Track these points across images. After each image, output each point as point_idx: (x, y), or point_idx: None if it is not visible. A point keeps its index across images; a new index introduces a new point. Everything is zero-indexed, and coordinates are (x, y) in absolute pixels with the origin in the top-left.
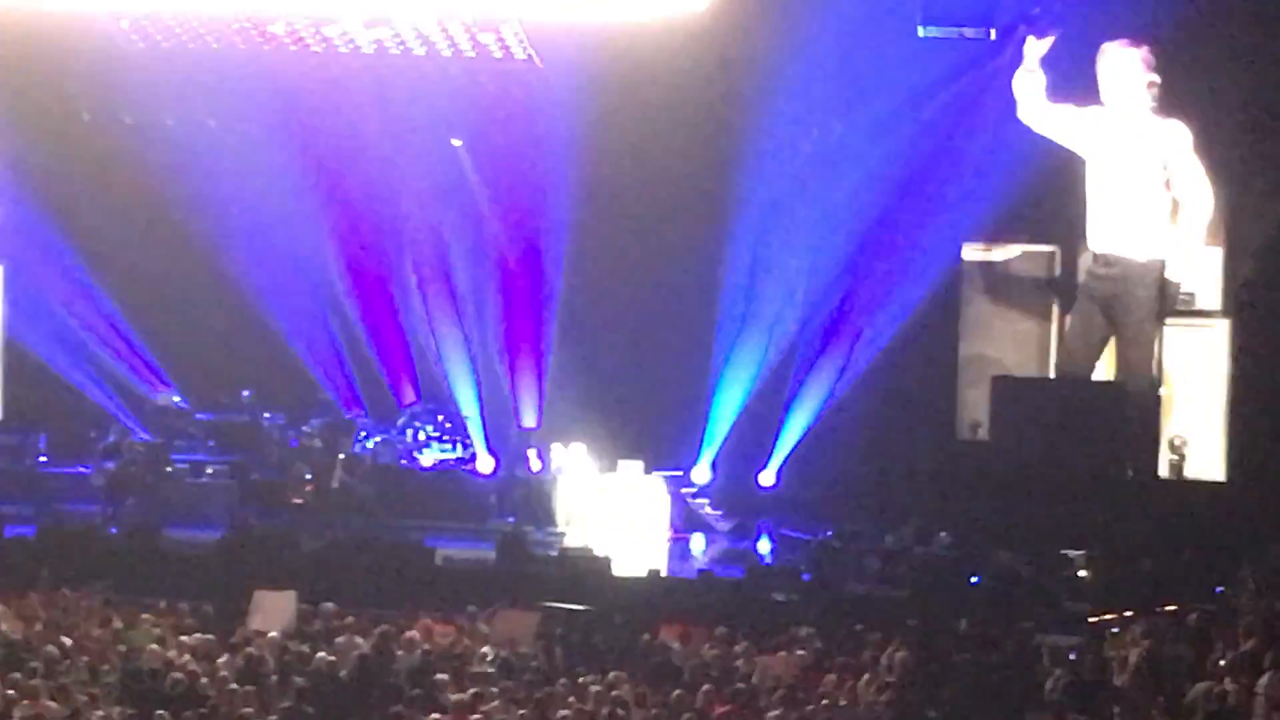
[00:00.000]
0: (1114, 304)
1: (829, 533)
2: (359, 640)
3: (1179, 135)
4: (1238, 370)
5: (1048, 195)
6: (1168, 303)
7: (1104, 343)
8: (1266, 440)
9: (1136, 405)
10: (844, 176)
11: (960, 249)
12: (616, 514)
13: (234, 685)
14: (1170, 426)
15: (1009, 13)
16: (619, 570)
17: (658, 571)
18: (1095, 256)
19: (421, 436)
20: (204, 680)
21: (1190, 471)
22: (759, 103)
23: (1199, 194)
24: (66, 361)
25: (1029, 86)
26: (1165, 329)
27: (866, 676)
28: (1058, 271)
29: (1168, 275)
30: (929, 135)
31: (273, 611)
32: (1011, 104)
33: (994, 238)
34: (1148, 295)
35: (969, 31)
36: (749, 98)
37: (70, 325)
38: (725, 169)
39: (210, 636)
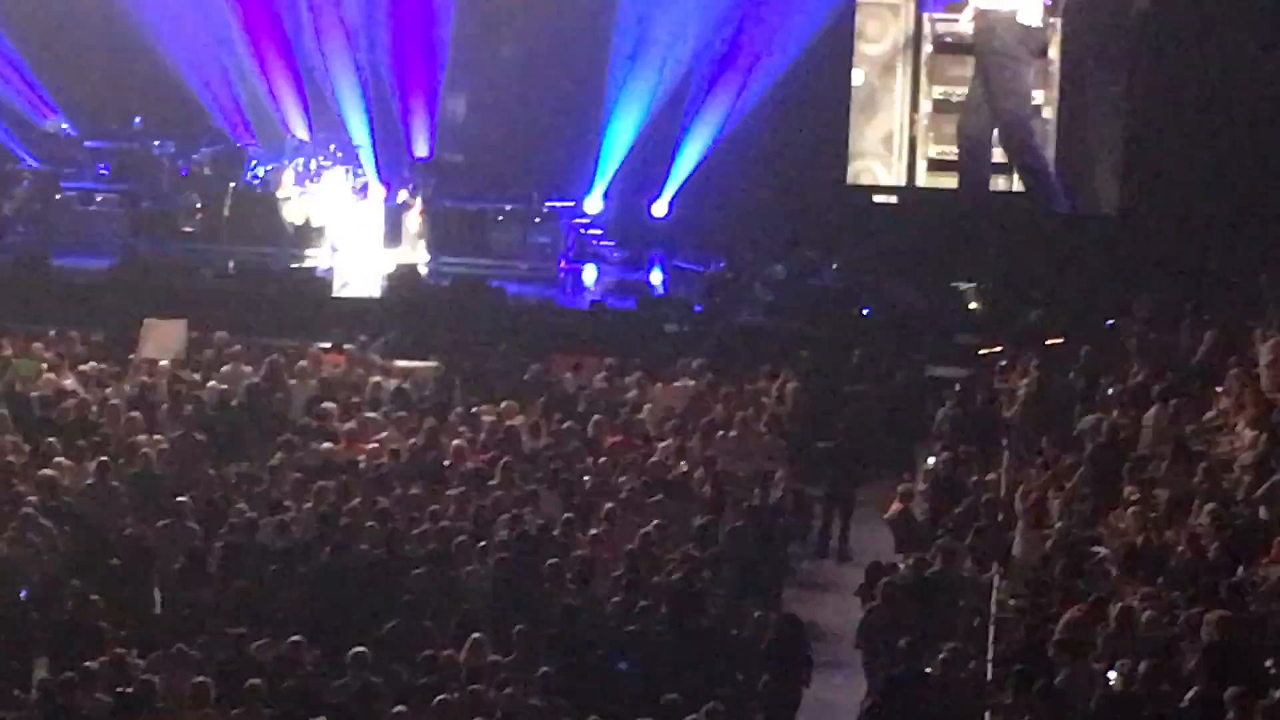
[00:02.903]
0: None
1: (720, 264)
2: (248, 369)
3: None
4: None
5: None
6: (1032, 44)
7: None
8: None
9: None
10: None
11: None
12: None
13: (126, 413)
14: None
15: None
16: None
17: (551, 301)
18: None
19: (313, 166)
20: (95, 409)
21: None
22: None
23: None
24: None
25: None
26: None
27: (757, 406)
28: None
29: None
30: None
31: (163, 340)
32: None
33: None
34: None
35: None
36: None
37: None
38: None
39: (101, 365)
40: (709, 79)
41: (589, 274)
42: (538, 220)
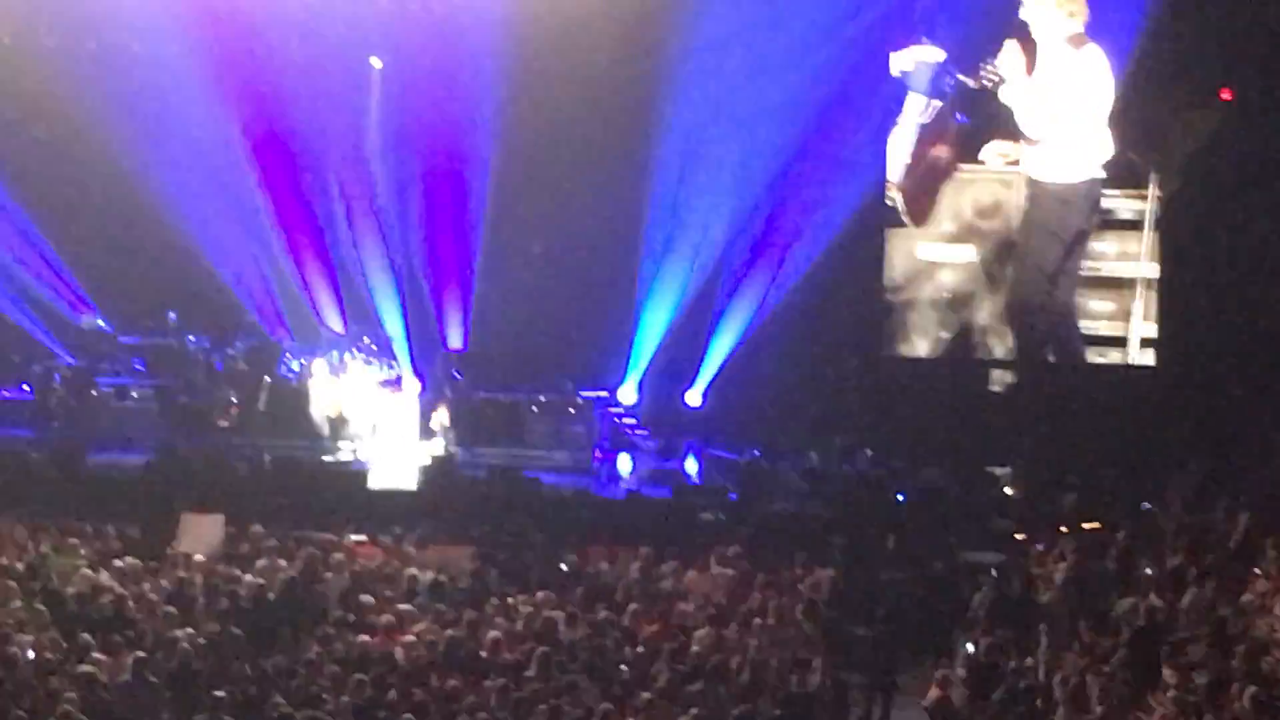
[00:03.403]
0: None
1: (755, 452)
2: (284, 563)
3: (1098, 61)
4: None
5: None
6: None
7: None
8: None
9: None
10: (768, 98)
11: (885, 169)
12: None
13: (162, 609)
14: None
15: None
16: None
17: (586, 491)
18: (1029, 181)
19: (347, 359)
20: (132, 604)
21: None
22: (683, 25)
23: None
24: None
25: None
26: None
27: (794, 594)
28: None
29: (1088, 195)
30: (853, 57)
31: (200, 534)
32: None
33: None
34: (1068, 214)
35: None
36: (673, 20)
37: None
38: (651, 91)
39: (137, 560)
40: (741, 267)
41: (624, 464)
42: (572, 411)
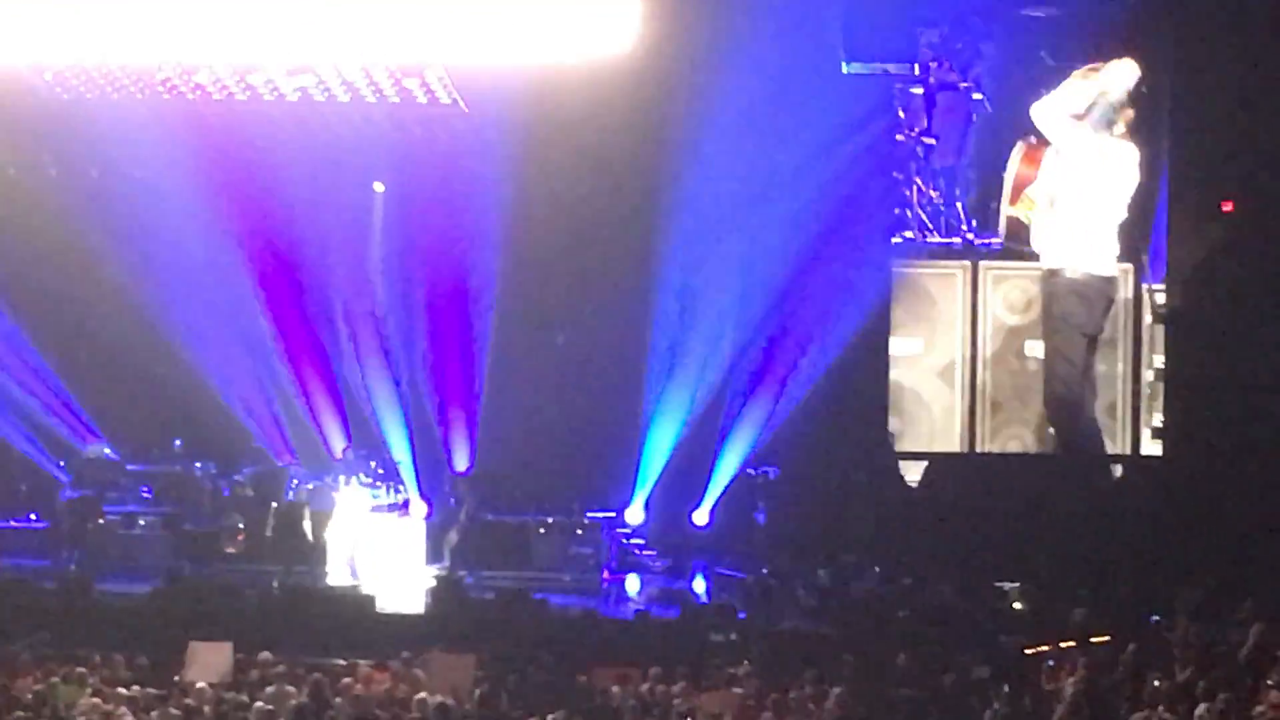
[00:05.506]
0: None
1: (764, 570)
2: (293, 690)
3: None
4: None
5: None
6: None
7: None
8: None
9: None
10: (771, 213)
11: (890, 280)
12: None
13: None
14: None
15: (931, 48)
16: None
17: (594, 611)
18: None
19: (354, 483)
20: None
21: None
22: (685, 142)
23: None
24: None
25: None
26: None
27: (804, 712)
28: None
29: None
30: (855, 168)
31: (208, 662)
32: (933, 133)
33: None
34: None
35: (892, 67)
36: (674, 138)
37: None
38: (652, 207)
39: (146, 689)
40: (747, 383)
41: (632, 584)
42: (579, 532)
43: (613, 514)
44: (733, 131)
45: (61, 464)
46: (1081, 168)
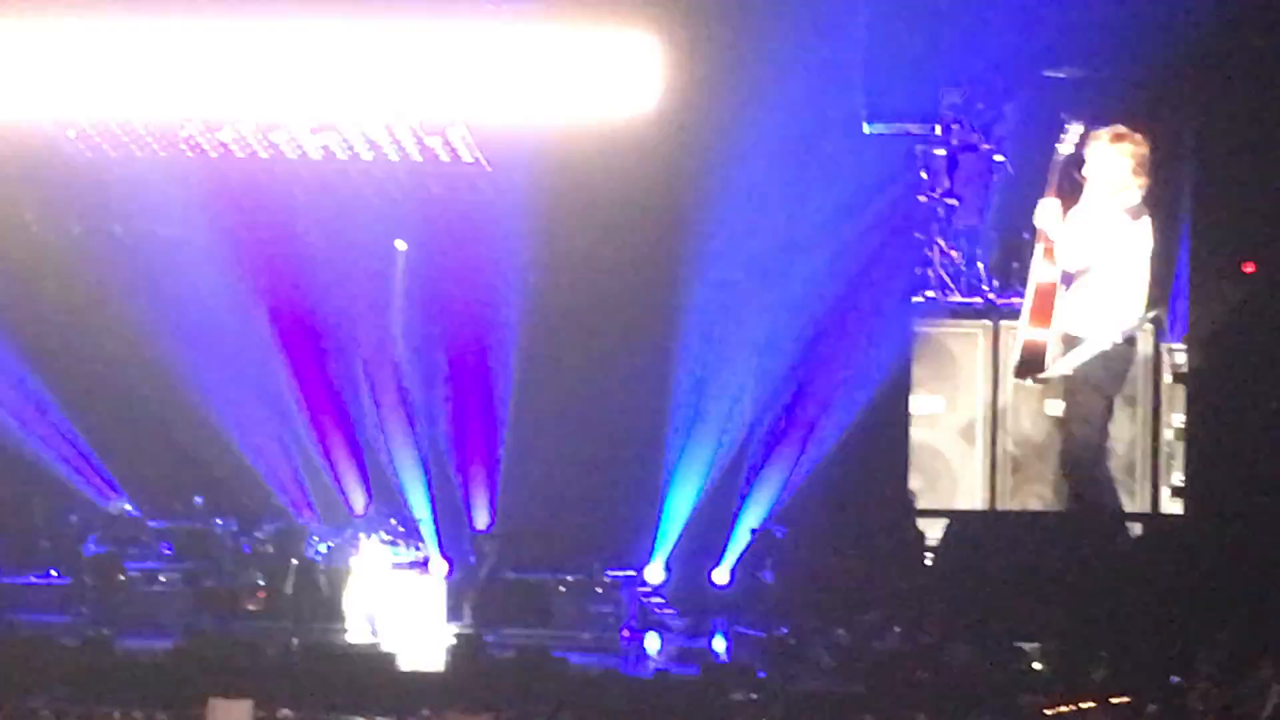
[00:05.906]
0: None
1: (784, 629)
2: None
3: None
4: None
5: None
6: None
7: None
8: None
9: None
10: (793, 272)
11: (912, 339)
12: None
13: None
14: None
15: (953, 109)
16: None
17: (614, 670)
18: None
19: (374, 541)
20: None
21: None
22: (706, 202)
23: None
24: (14, 471)
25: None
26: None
27: None
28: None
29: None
30: (877, 228)
31: (228, 719)
32: (955, 193)
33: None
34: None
35: (914, 128)
36: (696, 198)
37: (17, 435)
38: (674, 267)
39: None
40: (767, 443)
41: (652, 643)
42: (599, 590)
43: (633, 572)
44: (754, 191)
45: (83, 521)
46: (1095, 249)
